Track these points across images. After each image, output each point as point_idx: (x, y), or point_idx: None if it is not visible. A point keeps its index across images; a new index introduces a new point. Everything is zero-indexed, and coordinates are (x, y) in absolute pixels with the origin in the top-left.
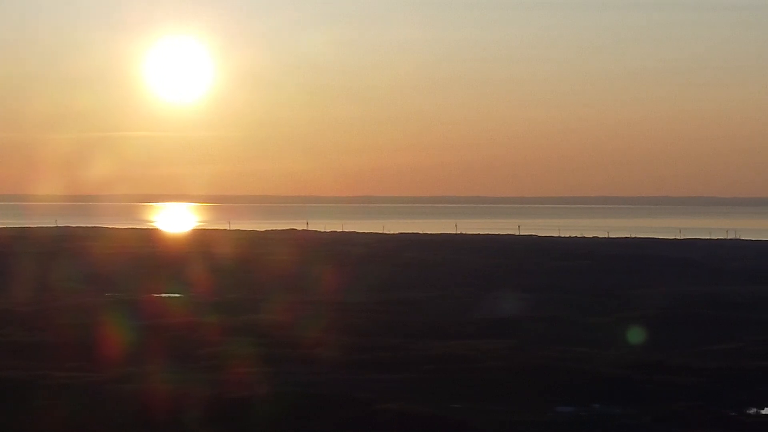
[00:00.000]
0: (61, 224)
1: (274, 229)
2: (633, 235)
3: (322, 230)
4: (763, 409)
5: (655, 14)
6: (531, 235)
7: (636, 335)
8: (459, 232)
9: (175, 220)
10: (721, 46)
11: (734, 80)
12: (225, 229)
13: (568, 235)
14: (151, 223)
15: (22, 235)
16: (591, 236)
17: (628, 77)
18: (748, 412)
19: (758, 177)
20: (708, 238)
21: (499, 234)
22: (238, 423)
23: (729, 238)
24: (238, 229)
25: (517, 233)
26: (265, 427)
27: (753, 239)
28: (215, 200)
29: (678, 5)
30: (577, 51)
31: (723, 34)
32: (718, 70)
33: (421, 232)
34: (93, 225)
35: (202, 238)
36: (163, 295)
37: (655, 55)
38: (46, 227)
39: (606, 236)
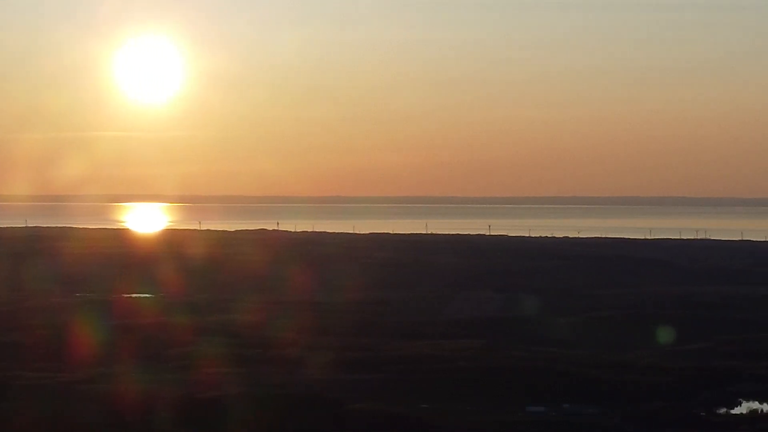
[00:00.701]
0: (31, 224)
1: (244, 229)
2: (604, 236)
3: (293, 230)
4: (733, 408)
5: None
6: (502, 235)
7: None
8: (430, 233)
9: (146, 220)
10: (701, 49)
11: (705, 83)
12: (196, 229)
13: (538, 236)
14: (122, 224)
15: None
16: (562, 236)
17: (603, 79)
18: (717, 411)
19: (727, 177)
20: (678, 238)
21: (470, 234)
22: (209, 423)
23: (699, 238)
24: (209, 229)
25: (488, 233)
26: (236, 427)
27: (722, 239)
28: (186, 200)
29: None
30: (553, 53)
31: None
32: (690, 73)
33: (392, 232)
34: (64, 225)
35: (172, 238)
36: (134, 295)
37: (631, 58)
38: (16, 227)
39: (577, 236)
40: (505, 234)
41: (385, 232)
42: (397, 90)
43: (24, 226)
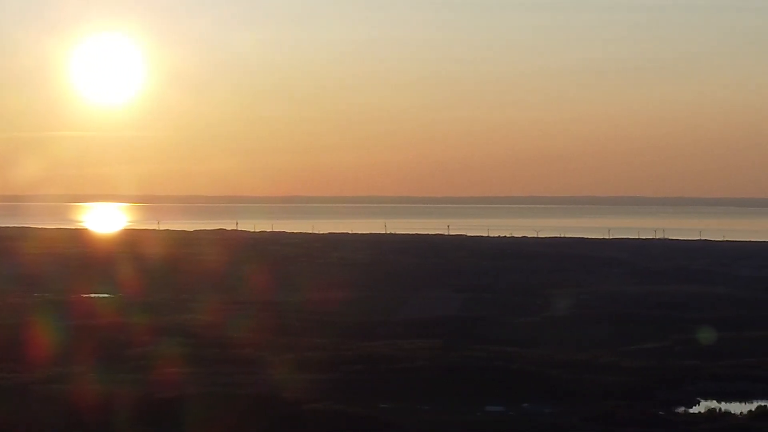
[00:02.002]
0: None
1: (203, 229)
2: (562, 235)
3: (252, 230)
4: (692, 408)
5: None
6: (460, 235)
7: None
8: (388, 232)
9: (105, 220)
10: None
11: (660, 81)
12: (154, 229)
13: (497, 235)
14: (81, 224)
15: None
16: (520, 236)
17: (568, 79)
18: (676, 411)
19: (685, 177)
20: (636, 237)
21: (428, 234)
22: (168, 423)
23: (657, 238)
24: (168, 229)
25: (446, 233)
26: (194, 427)
27: (680, 239)
28: (145, 200)
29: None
30: (501, 52)
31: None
32: (643, 71)
33: (350, 231)
34: (22, 225)
35: (131, 238)
36: (92, 295)
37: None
38: None
39: (535, 236)
40: (464, 234)
41: (344, 231)
42: (356, 89)
43: None
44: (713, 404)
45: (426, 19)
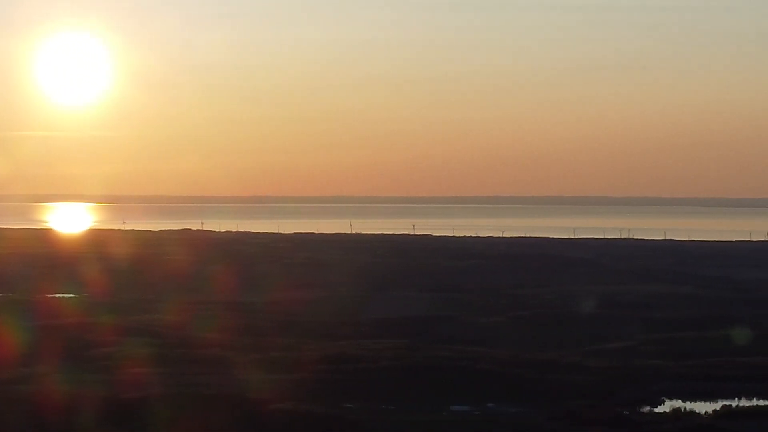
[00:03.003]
0: None
1: (168, 229)
2: (527, 235)
3: (217, 230)
4: (656, 407)
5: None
6: (426, 234)
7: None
8: (354, 232)
9: (70, 220)
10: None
11: (626, 81)
12: (120, 230)
13: (462, 235)
14: (46, 224)
15: None
16: (485, 236)
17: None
18: (641, 410)
19: (650, 177)
20: (602, 237)
21: (393, 234)
22: (133, 424)
23: (622, 237)
24: (133, 229)
25: (411, 233)
26: (159, 427)
27: (646, 238)
28: (110, 200)
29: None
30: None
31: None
32: (613, 71)
33: (316, 231)
34: None
35: (96, 239)
36: (57, 295)
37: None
38: None
39: (500, 236)
40: (430, 233)
41: (310, 231)
42: (321, 90)
43: None
44: (678, 403)
45: (397, 18)
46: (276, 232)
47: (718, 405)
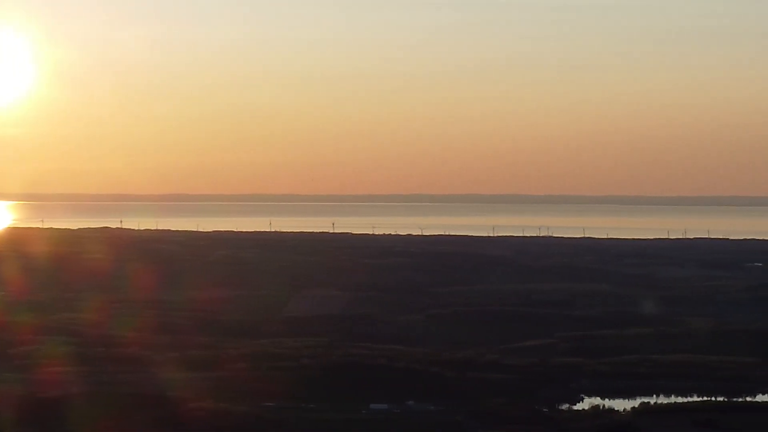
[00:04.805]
0: None
1: (87, 227)
2: (447, 233)
3: (137, 228)
4: (575, 405)
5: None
6: (346, 232)
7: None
8: (273, 230)
9: None
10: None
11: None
12: (38, 228)
13: (382, 233)
14: None
15: None
16: (405, 234)
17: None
18: (560, 408)
19: (568, 175)
20: (521, 235)
21: (313, 232)
22: (51, 422)
23: (541, 235)
24: (52, 228)
25: (332, 231)
26: (78, 426)
27: (565, 236)
28: (30, 198)
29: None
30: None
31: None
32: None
33: (235, 230)
34: None
35: (14, 237)
36: None
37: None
38: None
39: (420, 234)
40: (349, 232)
41: (229, 230)
42: (241, 88)
43: None
44: (597, 401)
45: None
46: (195, 230)
47: (636, 402)
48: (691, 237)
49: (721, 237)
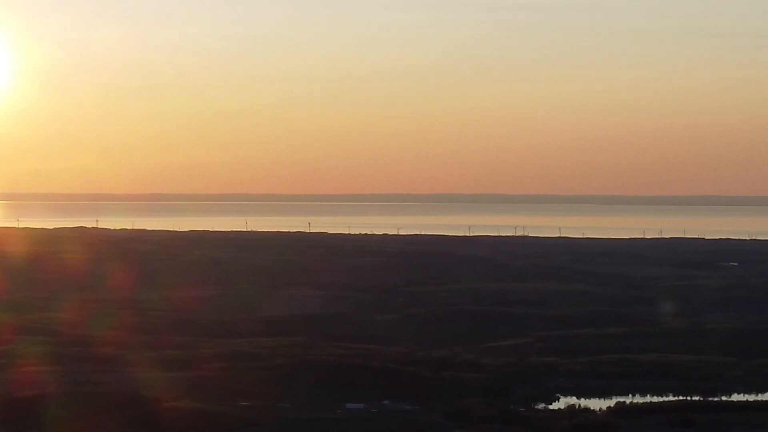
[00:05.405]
0: None
1: (63, 226)
2: (423, 233)
3: (113, 228)
4: (551, 404)
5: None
6: (322, 232)
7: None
8: (249, 230)
9: None
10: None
11: (516, 80)
12: (14, 227)
13: (358, 233)
14: None
15: None
16: (381, 233)
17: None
18: (536, 407)
19: (544, 174)
20: (497, 235)
21: (289, 231)
22: (27, 422)
23: (517, 235)
24: (28, 227)
25: (308, 231)
26: (54, 425)
27: (541, 236)
28: (6, 198)
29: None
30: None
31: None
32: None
33: (211, 229)
34: None
35: None
36: None
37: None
38: None
39: (396, 233)
40: (325, 231)
41: (205, 229)
42: (216, 88)
43: None
44: (573, 400)
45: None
46: (171, 229)
47: (612, 402)
48: (667, 236)
49: (696, 236)
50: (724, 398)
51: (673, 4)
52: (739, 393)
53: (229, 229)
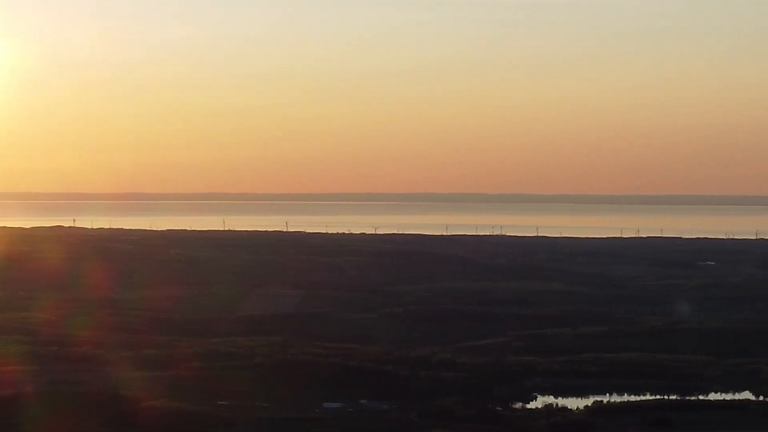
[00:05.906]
0: None
1: (40, 226)
2: (400, 232)
3: (90, 227)
4: (529, 403)
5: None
6: (299, 231)
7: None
8: (227, 229)
9: None
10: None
11: (498, 80)
12: None
13: (336, 232)
14: None
15: None
16: (359, 233)
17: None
18: (513, 406)
19: (521, 173)
20: (474, 234)
21: (267, 231)
22: (4, 422)
23: (495, 234)
24: (4, 226)
25: (285, 230)
26: (31, 425)
27: (518, 235)
28: None
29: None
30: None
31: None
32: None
33: (189, 228)
34: None
35: None
36: None
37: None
38: None
39: (374, 233)
40: (303, 230)
41: (183, 228)
42: (195, 87)
43: None
44: (550, 399)
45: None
46: (149, 229)
47: (589, 401)
48: (644, 236)
49: (674, 236)
50: (701, 397)
51: (673, 4)
52: (716, 392)
53: (207, 229)
